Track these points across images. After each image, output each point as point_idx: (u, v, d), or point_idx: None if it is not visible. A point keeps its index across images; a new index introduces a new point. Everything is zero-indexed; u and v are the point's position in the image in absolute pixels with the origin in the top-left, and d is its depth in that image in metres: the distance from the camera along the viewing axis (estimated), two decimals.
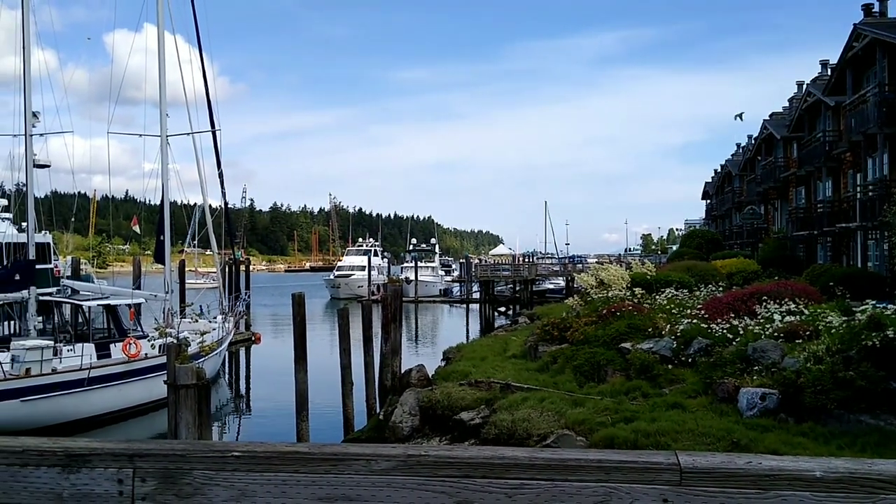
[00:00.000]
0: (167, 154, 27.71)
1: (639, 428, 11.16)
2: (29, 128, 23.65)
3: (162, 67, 27.03)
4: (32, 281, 22.69)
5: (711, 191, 70.37)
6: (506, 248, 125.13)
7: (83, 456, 2.01)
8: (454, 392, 15.11)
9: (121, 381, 21.68)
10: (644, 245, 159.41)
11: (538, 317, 28.60)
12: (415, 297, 66.72)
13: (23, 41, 23.09)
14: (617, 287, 21.73)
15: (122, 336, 23.14)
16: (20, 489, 2.03)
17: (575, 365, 15.48)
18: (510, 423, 12.67)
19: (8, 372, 18.81)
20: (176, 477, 1.95)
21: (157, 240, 28.97)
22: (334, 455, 1.90)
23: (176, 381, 11.86)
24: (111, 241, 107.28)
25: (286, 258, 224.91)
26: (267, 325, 49.22)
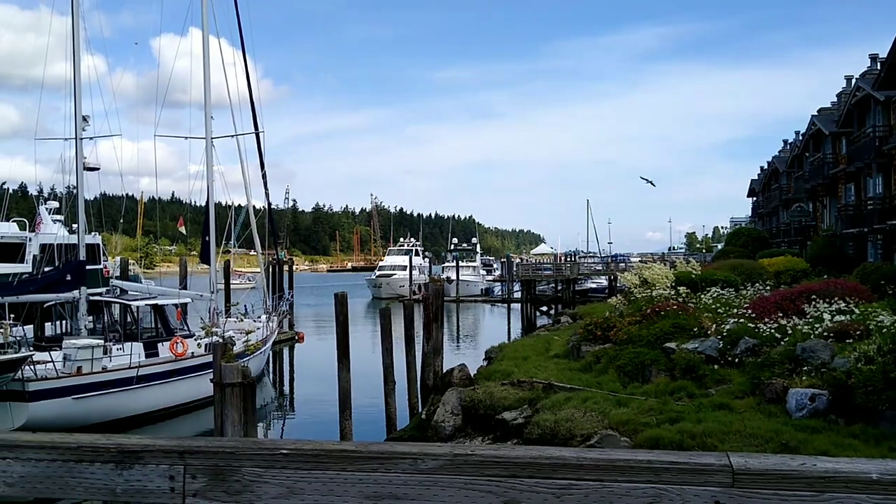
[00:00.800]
0: (212, 156, 28.12)
1: (684, 429, 11.02)
2: (79, 132, 24.19)
3: (207, 71, 27.44)
4: (83, 281, 23.20)
5: (758, 188, 69.14)
6: (547, 247, 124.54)
7: (136, 452, 2.04)
8: (496, 391, 15.09)
9: (168, 379, 22.06)
10: (688, 243, 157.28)
11: (580, 316, 28.41)
12: (456, 296, 66.72)
13: (73, 47, 23.64)
14: (661, 286, 21.47)
15: (170, 335, 23.52)
16: (75, 484, 2.07)
17: (618, 365, 15.34)
18: (553, 424, 12.61)
19: (61, 370, 19.25)
20: (226, 474, 1.97)
21: (202, 240, 29.40)
22: (381, 453, 1.91)
23: (222, 380, 12.03)
24: (158, 242, 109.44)
25: (328, 258, 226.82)
26: (310, 324, 49.68)
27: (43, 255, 27.58)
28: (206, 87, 27.56)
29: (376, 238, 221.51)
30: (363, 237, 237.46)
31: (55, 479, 2.08)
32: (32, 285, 23.13)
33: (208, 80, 27.47)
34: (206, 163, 28.14)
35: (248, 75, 29.55)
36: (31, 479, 2.09)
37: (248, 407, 12.04)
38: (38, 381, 18.60)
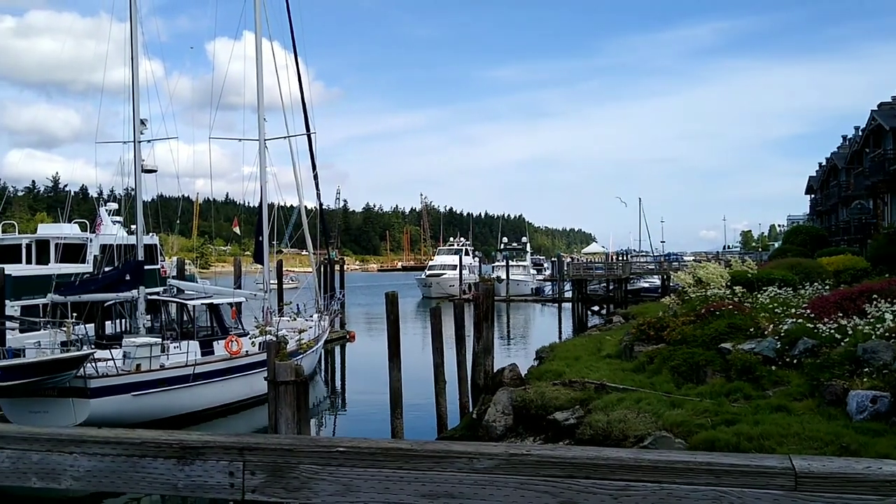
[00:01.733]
0: (265, 157, 28.55)
1: (741, 431, 10.80)
2: (137, 135, 24.82)
3: (260, 73, 27.89)
4: (142, 281, 23.77)
5: (816, 185, 67.43)
6: (599, 246, 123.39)
7: (197, 448, 2.09)
8: (548, 392, 14.99)
9: (223, 377, 22.45)
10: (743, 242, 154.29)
11: (633, 316, 28.07)
12: (506, 295, 66.58)
13: (131, 52, 24.26)
14: (716, 285, 21.09)
15: (225, 334, 23.94)
16: (139, 479, 2.13)
17: (672, 365, 15.10)
18: (605, 424, 12.48)
19: (120, 368, 19.75)
20: (284, 471, 2.00)
21: (255, 241, 29.87)
22: (437, 452, 1.92)
23: (276, 378, 12.20)
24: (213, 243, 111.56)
25: (378, 258, 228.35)
26: (360, 323, 50.09)
27: (103, 255, 28.36)
28: (259, 89, 28.02)
29: (426, 238, 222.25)
30: (413, 237, 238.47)
31: (120, 474, 2.14)
32: (93, 285, 23.78)
33: (261, 83, 27.92)
34: (260, 164, 28.61)
35: (300, 77, 29.98)
36: (96, 473, 2.16)
37: (302, 405, 12.18)
38: (98, 378, 19.12)
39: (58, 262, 27.49)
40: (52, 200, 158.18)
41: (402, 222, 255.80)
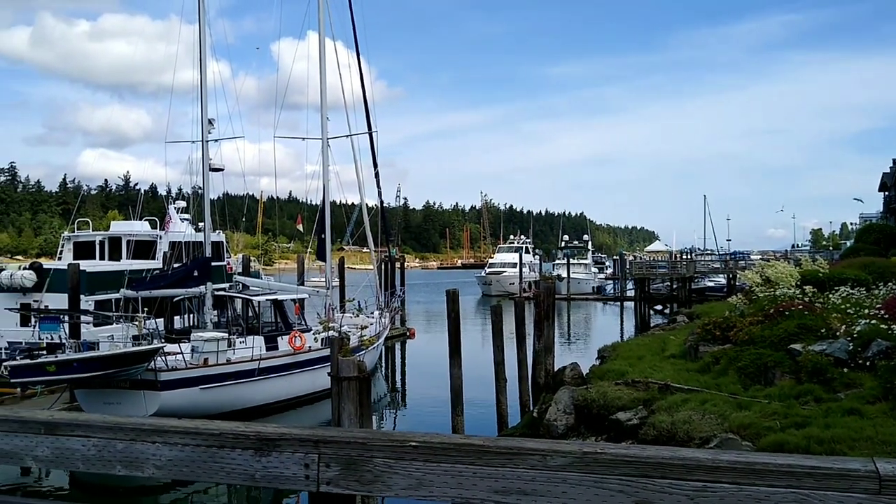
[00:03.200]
0: (328, 156, 28.90)
1: (811, 434, 10.51)
2: (205, 134, 25.41)
3: (323, 73, 28.22)
4: (209, 277, 24.31)
5: (890, 182, 64.96)
6: (662, 244, 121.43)
7: (273, 440, 2.14)
8: (610, 391, 14.84)
9: (287, 372, 22.81)
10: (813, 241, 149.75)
11: (698, 315, 27.54)
12: (567, 294, 66.07)
13: (200, 54, 24.85)
14: (785, 285, 20.52)
15: (288, 329, 24.29)
16: (218, 469, 2.19)
17: (739, 366, 14.77)
18: (669, 425, 12.30)
19: (189, 361, 20.26)
20: (358, 464, 2.03)
21: (318, 238, 30.24)
22: (509, 449, 1.92)
23: (339, 374, 12.34)
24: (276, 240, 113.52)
25: (438, 255, 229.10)
26: (420, 320, 50.34)
27: (172, 252, 29.12)
28: (323, 89, 28.36)
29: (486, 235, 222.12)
30: (473, 234, 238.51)
31: (199, 464, 2.20)
32: (163, 281, 24.41)
33: (324, 83, 28.25)
34: (322, 162, 28.95)
35: (362, 76, 30.21)
36: (177, 462, 2.22)
37: (364, 401, 12.29)
38: (168, 372, 19.64)
39: (129, 258, 28.33)
40: (123, 198, 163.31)
41: (461, 220, 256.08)
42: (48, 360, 17.99)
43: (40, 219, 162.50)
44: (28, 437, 2.46)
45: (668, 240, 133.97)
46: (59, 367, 18.01)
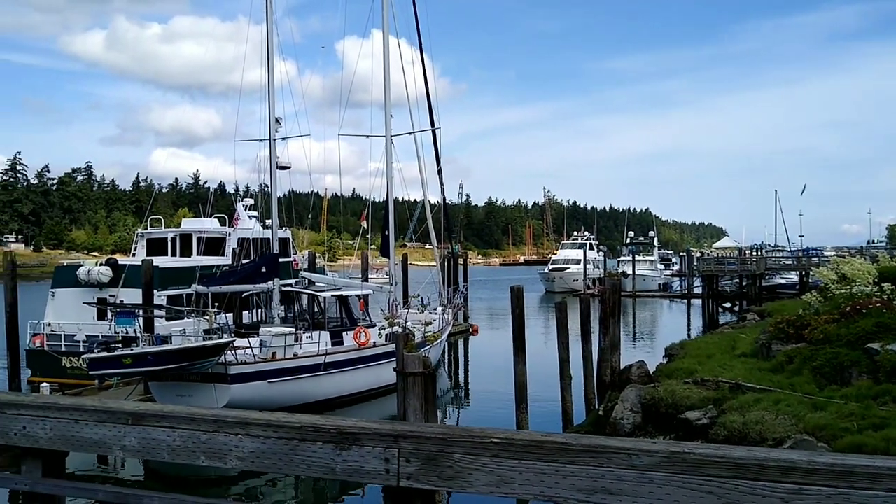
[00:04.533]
0: (391, 153, 29.08)
1: (890, 436, 10.14)
2: (272, 133, 25.84)
3: (387, 71, 28.40)
4: (276, 273, 24.70)
5: None
6: (731, 240, 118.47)
7: (354, 434, 2.14)
8: (678, 390, 14.56)
9: (352, 367, 23.03)
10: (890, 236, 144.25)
11: (769, 313, 26.82)
12: (632, 291, 65.14)
13: (268, 54, 25.29)
14: (862, 282, 19.80)
15: (353, 325, 24.51)
16: (299, 462, 2.21)
17: (814, 366, 14.33)
18: (741, 426, 12.01)
19: (257, 356, 20.64)
20: (438, 459, 2.02)
21: (382, 235, 30.46)
22: (593, 447, 1.88)
23: (405, 369, 12.42)
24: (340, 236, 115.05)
25: (500, 252, 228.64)
26: (483, 317, 50.29)
27: (240, 248, 29.71)
28: (386, 87, 28.55)
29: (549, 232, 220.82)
30: (535, 231, 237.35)
31: (281, 456, 2.23)
32: (233, 277, 24.91)
33: (388, 81, 28.44)
34: (386, 160, 29.16)
35: (425, 73, 30.35)
36: (259, 454, 2.26)
37: (430, 396, 12.34)
38: (238, 366, 20.03)
39: (200, 254, 29.02)
40: (192, 196, 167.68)
41: (524, 216, 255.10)
42: (124, 354, 18.57)
43: (115, 216, 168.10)
44: (116, 427, 2.53)
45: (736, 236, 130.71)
46: (134, 360, 18.56)
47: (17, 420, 2.83)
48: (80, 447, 2.70)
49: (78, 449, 2.74)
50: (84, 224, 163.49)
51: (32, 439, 2.81)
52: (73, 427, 2.69)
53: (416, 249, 79.13)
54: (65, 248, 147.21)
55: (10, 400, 2.94)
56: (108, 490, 2.71)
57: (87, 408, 2.69)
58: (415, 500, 2.06)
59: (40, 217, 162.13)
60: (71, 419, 2.69)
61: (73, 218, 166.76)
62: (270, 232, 26.96)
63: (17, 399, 2.97)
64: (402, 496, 2.08)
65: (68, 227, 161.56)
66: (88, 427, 2.65)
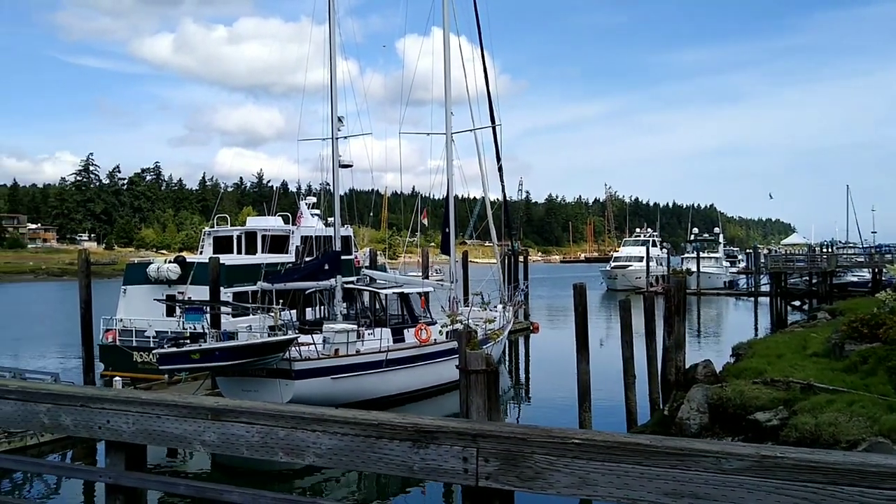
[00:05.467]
0: (451, 150, 29.09)
1: None
2: (335, 132, 26.13)
3: (447, 68, 28.41)
4: (339, 270, 24.97)
5: None
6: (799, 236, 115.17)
7: (431, 433, 2.13)
8: (747, 390, 14.21)
9: (413, 364, 23.13)
10: None
11: (841, 312, 25.99)
12: (697, 289, 63.93)
13: (330, 53, 25.58)
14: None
15: (414, 322, 24.62)
16: (376, 459, 2.21)
17: (889, 366, 13.83)
18: (813, 427, 11.66)
19: (321, 352, 20.92)
20: (518, 459, 1.99)
21: (442, 232, 30.51)
22: (679, 450, 1.83)
23: (467, 366, 12.39)
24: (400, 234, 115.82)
25: (561, 249, 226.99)
26: (543, 315, 49.99)
27: (303, 246, 30.13)
28: (447, 84, 28.56)
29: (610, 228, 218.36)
30: (597, 228, 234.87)
31: (358, 453, 2.23)
32: (297, 274, 25.28)
33: (448, 78, 28.44)
34: (446, 157, 29.17)
35: (486, 70, 30.23)
36: (337, 451, 2.26)
37: (492, 394, 12.27)
38: (302, 362, 20.33)
39: (265, 252, 29.54)
40: (256, 195, 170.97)
41: (585, 213, 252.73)
42: (193, 349, 19.02)
43: (182, 215, 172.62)
44: (196, 423, 2.58)
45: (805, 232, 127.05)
46: (202, 356, 18.99)
47: (101, 414, 2.92)
48: (162, 441, 2.77)
49: (160, 443, 2.80)
50: (153, 222, 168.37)
51: (116, 433, 2.88)
52: (155, 421, 2.75)
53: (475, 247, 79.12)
54: (135, 246, 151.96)
55: (95, 394, 3.03)
56: (189, 484, 2.77)
57: (168, 403, 2.76)
58: (493, 500, 2.04)
59: (111, 216, 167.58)
60: (153, 414, 2.76)
61: (142, 217, 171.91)
62: (333, 230, 27.26)
63: (101, 393, 3.05)
64: (480, 496, 2.05)
65: (138, 226, 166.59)
66: (170, 422, 2.71)
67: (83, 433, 2.99)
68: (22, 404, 3.13)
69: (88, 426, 2.95)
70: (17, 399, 3.15)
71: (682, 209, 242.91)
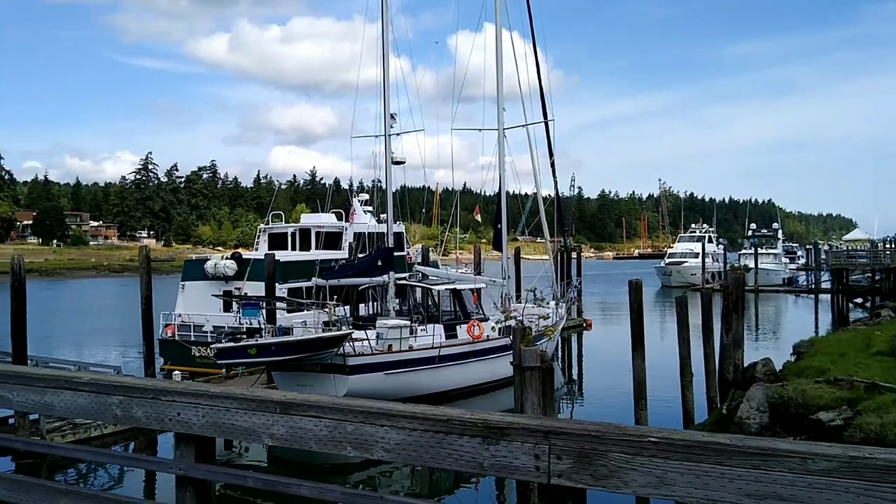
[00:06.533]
0: (504, 146, 28.97)
1: None
2: (387, 129, 26.26)
3: (499, 64, 28.30)
4: (392, 267, 25.08)
5: None
6: (862, 232, 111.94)
7: (501, 429, 2.11)
8: (809, 389, 13.87)
9: (466, 360, 23.12)
10: None
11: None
12: (754, 286, 62.59)
13: (383, 51, 25.70)
14: None
15: (467, 318, 24.59)
16: (445, 455, 2.19)
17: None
18: (879, 428, 11.34)
19: (374, 348, 21.05)
20: (592, 457, 1.96)
21: (494, 228, 30.43)
22: (762, 450, 1.77)
23: (522, 363, 12.32)
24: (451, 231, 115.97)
25: (614, 245, 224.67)
26: (595, 312, 49.51)
27: (356, 242, 30.38)
28: (499, 80, 28.44)
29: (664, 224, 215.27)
30: (650, 223, 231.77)
31: (427, 449, 2.22)
32: (350, 270, 25.47)
33: (500, 74, 28.33)
34: (499, 153, 29.05)
35: (538, 66, 29.99)
36: (405, 446, 2.25)
37: (547, 391, 12.16)
38: (356, 357, 20.48)
39: (318, 248, 29.85)
40: (309, 192, 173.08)
41: (638, 209, 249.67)
42: (250, 344, 19.33)
43: (237, 213, 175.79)
44: (266, 416, 2.60)
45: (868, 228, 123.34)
46: (259, 350, 19.29)
47: (172, 406, 2.97)
48: (231, 434, 2.80)
49: (229, 436, 2.84)
50: (209, 220, 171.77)
51: (186, 425, 2.93)
52: (224, 414, 2.79)
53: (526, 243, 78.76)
54: (192, 243, 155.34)
55: (165, 387, 3.08)
56: (258, 477, 2.80)
57: (237, 396, 2.79)
58: (566, 498, 2.01)
59: (169, 214, 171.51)
60: (222, 407, 2.79)
61: (199, 214, 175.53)
62: (385, 226, 27.40)
63: (171, 386, 3.11)
64: (552, 494, 2.02)
65: (195, 223, 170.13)
66: (239, 415, 2.74)
67: (154, 425, 3.05)
68: (95, 396, 3.21)
69: (160, 418, 3.01)
70: (91, 391, 3.23)
71: (738, 204, 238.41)
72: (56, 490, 3.41)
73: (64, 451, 6.35)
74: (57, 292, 76.60)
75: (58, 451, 6.33)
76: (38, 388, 3.40)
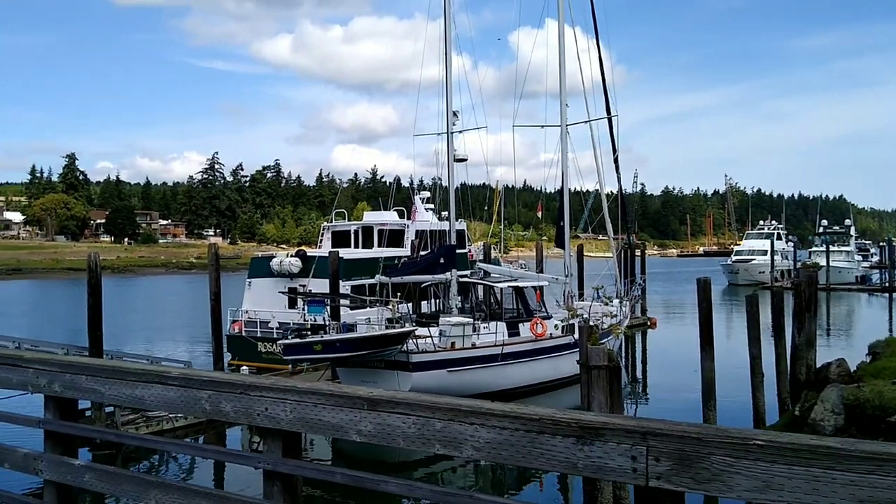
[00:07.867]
0: (566, 143, 28.72)
1: None
2: (450, 126, 26.30)
3: (562, 60, 28.06)
4: (454, 264, 25.12)
5: None
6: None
7: (596, 429, 2.07)
8: (887, 391, 13.38)
9: (529, 358, 23.02)
10: None
11: None
12: (826, 284, 60.73)
13: (445, 49, 25.75)
14: None
15: (529, 316, 24.46)
16: (538, 455, 2.17)
17: None
18: None
19: (437, 345, 21.12)
20: (692, 460, 1.91)
21: (556, 226, 30.19)
22: (877, 454, 1.70)
23: (588, 362, 12.20)
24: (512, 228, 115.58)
25: (678, 242, 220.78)
26: (659, 310, 48.72)
27: (418, 240, 30.51)
28: (562, 76, 28.20)
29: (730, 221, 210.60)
30: (716, 220, 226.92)
31: (518, 448, 2.20)
32: (413, 267, 25.61)
33: (563, 70, 28.08)
34: (561, 150, 28.81)
35: (601, 61, 29.62)
36: (496, 445, 2.24)
37: (614, 390, 12.05)
38: (419, 354, 20.58)
39: (381, 246, 30.08)
40: (370, 190, 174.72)
41: (703, 205, 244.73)
42: (315, 340, 19.60)
43: (300, 211, 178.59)
44: (353, 412, 2.62)
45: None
46: (324, 347, 19.55)
47: (260, 402, 3.02)
48: (319, 430, 2.83)
49: (316, 431, 2.87)
50: (273, 218, 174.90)
51: (274, 420, 2.97)
52: (311, 410, 2.82)
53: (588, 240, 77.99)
54: (256, 241, 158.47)
55: (253, 382, 3.13)
56: (345, 473, 2.82)
57: (324, 392, 2.81)
58: (665, 501, 1.96)
59: (235, 212, 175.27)
60: (310, 402, 2.82)
61: (263, 213, 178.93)
62: (447, 224, 27.45)
63: (259, 382, 3.15)
64: (651, 497, 1.97)
65: (259, 222, 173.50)
66: (326, 411, 2.76)
67: (242, 420, 3.11)
68: (185, 391, 3.28)
69: (248, 413, 3.06)
70: (180, 385, 3.31)
71: (808, 200, 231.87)
72: (147, 482, 3.51)
73: (158, 444, 6.50)
74: (128, 289, 79.10)
75: (158, 446, 6.49)
76: (129, 382, 3.51)
